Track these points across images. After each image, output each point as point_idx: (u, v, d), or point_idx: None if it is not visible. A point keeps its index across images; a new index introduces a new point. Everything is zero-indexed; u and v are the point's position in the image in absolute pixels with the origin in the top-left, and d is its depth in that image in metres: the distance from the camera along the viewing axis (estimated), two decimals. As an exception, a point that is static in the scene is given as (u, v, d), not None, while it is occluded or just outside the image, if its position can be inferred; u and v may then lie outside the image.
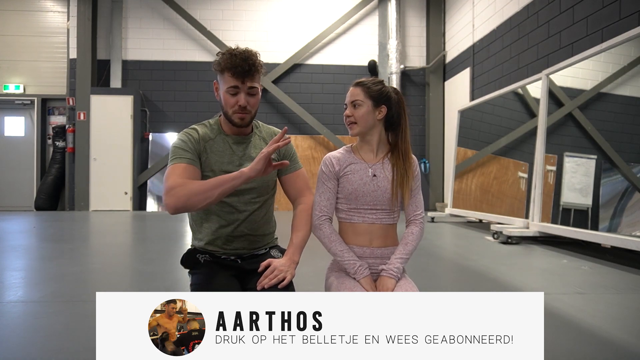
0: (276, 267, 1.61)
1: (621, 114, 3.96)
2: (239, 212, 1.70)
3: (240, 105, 1.61)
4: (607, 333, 1.89)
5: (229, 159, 1.69)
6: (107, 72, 8.83)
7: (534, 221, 4.53)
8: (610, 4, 4.35)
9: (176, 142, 1.66)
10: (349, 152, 1.70)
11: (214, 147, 1.68)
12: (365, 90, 1.63)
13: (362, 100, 1.63)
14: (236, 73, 1.58)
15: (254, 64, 1.60)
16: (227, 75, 1.59)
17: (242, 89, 1.60)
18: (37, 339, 1.79)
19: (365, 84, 1.65)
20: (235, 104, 1.61)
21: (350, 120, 1.64)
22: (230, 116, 1.64)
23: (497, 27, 6.77)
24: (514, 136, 5.46)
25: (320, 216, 1.66)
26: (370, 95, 1.63)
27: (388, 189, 1.63)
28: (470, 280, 2.96)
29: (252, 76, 1.60)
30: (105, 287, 2.77)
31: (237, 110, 1.62)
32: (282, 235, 2.02)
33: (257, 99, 1.67)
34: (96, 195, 8.50)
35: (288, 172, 1.82)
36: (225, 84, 1.61)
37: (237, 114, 1.63)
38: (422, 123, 9.23)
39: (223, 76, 1.62)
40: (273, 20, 9.08)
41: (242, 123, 1.65)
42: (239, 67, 1.57)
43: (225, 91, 1.62)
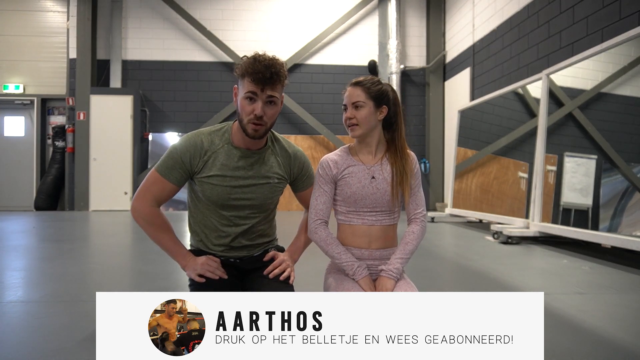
0: (283, 259, 1.68)
1: (621, 114, 3.96)
2: (237, 225, 1.69)
3: (256, 114, 1.51)
4: (607, 333, 1.89)
5: (232, 173, 1.63)
6: (107, 72, 8.83)
7: (534, 221, 4.53)
8: (610, 4, 4.35)
9: (175, 150, 1.62)
10: (346, 153, 1.67)
11: (217, 160, 1.62)
12: (366, 91, 1.58)
13: (363, 102, 1.58)
14: (256, 79, 1.48)
15: (277, 72, 1.50)
16: (247, 80, 1.51)
17: (261, 97, 1.51)
18: (37, 339, 1.79)
19: (365, 84, 1.60)
20: (252, 112, 1.52)
21: (352, 122, 1.59)
22: (245, 125, 1.55)
23: (497, 27, 6.77)
24: (514, 136, 5.46)
25: (316, 220, 1.63)
26: (372, 96, 1.59)
27: (387, 190, 1.61)
28: (470, 280, 2.96)
29: (273, 84, 1.51)
30: (105, 287, 2.77)
31: (252, 119, 1.52)
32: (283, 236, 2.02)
33: (276, 111, 1.57)
34: (96, 195, 8.49)
35: (303, 190, 1.81)
36: (243, 89, 1.53)
37: (251, 124, 1.53)
38: (422, 123, 9.23)
39: (243, 81, 1.53)
40: (273, 20, 9.08)
41: (255, 135, 1.56)
42: (260, 74, 1.48)
43: (243, 97, 1.53)
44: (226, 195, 1.63)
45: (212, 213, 1.68)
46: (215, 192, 1.62)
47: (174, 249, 1.68)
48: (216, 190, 1.62)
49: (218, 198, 1.63)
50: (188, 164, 1.61)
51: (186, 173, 1.62)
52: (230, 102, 8.88)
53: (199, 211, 1.72)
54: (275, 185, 1.70)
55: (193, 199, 1.73)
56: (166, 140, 8.99)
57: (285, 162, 1.73)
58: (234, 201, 1.65)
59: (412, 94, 9.20)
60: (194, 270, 1.62)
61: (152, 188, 1.63)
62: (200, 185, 1.63)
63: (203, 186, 1.63)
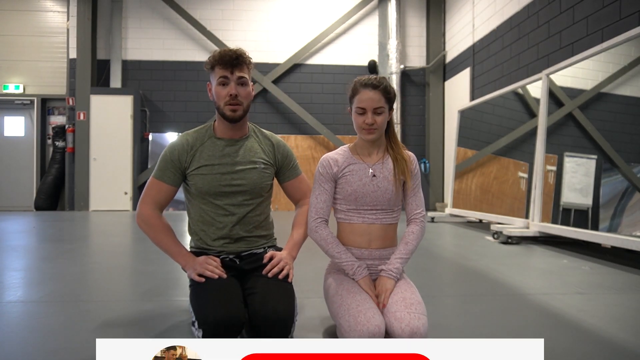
0: (281, 258, 1.71)
1: (621, 114, 3.96)
2: (232, 214, 1.75)
3: (231, 94, 1.65)
4: (607, 333, 1.89)
5: (219, 161, 1.74)
6: (107, 72, 8.83)
7: (534, 221, 4.53)
8: (610, 4, 4.35)
9: (165, 152, 1.76)
10: (347, 152, 1.68)
11: (204, 152, 1.75)
12: (385, 96, 1.59)
13: (383, 107, 1.59)
14: (224, 63, 1.66)
15: (241, 54, 1.69)
16: (217, 69, 1.68)
17: (232, 78, 1.67)
18: (37, 339, 1.78)
19: (382, 87, 1.59)
20: (227, 94, 1.66)
21: (373, 128, 1.59)
22: (223, 109, 1.69)
23: (497, 27, 6.77)
24: (514, 136, 5.46)
25: (316, 218, 1.64)
26: (388, 100, 1.60)
27: (388, 188, 1.62)
28: (470, 280, 2.96)
29: (240, 66, 1.68)
30: (105, 287, 2.77)
31: (229, 101, 1.67)
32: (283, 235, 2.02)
33: (248, 91, 1.71)
34: (96, 195, 8.49)
35: (289, 179, 1.88)
36: (215, 77, 1.69)
37: (228, 106, 1.67)
38: (422, 123, 9.23)
39: (214, 72, 1.70)
40: (273, 20, 9.08)
41: (234, 115, 1.69)
42: (227, 57, 1.66)
43: (216, 84, 1.69)
44: (216, 183, 1.72)
45: (207, 205, 1.75)
46: (206, 181, 1.72)
47: (174, 249, 1.75)
48: (207, 179, 1.72)
49: (210, 187, 1.72)
50: (177, 162, 1.72)
51: (178, 171, 1.73)
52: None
53: (195, 207, 1.79)
54: (262, 171, 1.78)
55: (189, 198, 1.82)
56: (166, 140, 8.99)
57: (269, 149, 1.83)
58: (225, 188, 1.73)
59: (412, 94, 9.21)
60: (194, 270, 1.66)
61: (150, 192, 1.76)
62: (192, 179, 1.73)
63: (194, 179, 1.73)
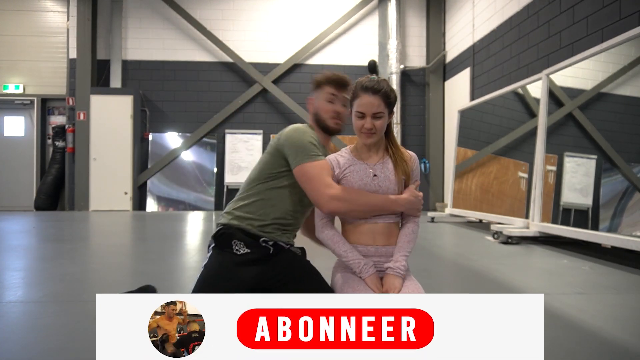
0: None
1: (621, 114, 3.96)
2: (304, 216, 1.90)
3: (337, 111, 1.83)
4: (607, 333, 1.89)
5: None
6: (107, 72, 8.83)
7: (534, 221, 4.53)
8: (610, 4, 4.35)
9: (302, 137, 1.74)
10: (348, 153, 1.70)
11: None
12: (386, 100, 1.58)
13: (383, 112, 1.58)
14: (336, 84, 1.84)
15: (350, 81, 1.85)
16: (327, 87, 1.85)
17: (339, 98, 1.84)
18: (37, 339, 1.79)
19: (382, 92, 1.58)
20: (332, 110, 1.83)
21: (372, 132, 1.59)
22: (326, 121, 1.84)
23: (497, 27, 6.77)
24: (514, 136, 5.46)
25: (322, 218, 1.67)
26: (388, 104, 1.60)
27: (390, 187, 1.63)
28: (470, 280, 2.96)
29: (346, 89, 1.84)
30: (105, 287, 2.76)
31: (334, 116, 1.83)
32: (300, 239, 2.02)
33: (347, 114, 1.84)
34: (96, 195, 8.49)
35: None
36: (323, 94, 1.85)
37: (333, 119, 1.84)
38: (422, 123, 9.23)
39: (321, 89, 1.86)
40: (273, 20, 9.08)
41: (336, 127, 1.85)
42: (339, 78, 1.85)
43: (323, 100, 1.85)
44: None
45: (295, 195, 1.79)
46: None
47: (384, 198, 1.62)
48: None
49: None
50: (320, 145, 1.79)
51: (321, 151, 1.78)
52: (230, 102, 8.93)
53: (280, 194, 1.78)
54: None
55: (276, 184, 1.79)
56: (166, 140, 8.98)
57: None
58: None
59: (412, 94, 9.21)
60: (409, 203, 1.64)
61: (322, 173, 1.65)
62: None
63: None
